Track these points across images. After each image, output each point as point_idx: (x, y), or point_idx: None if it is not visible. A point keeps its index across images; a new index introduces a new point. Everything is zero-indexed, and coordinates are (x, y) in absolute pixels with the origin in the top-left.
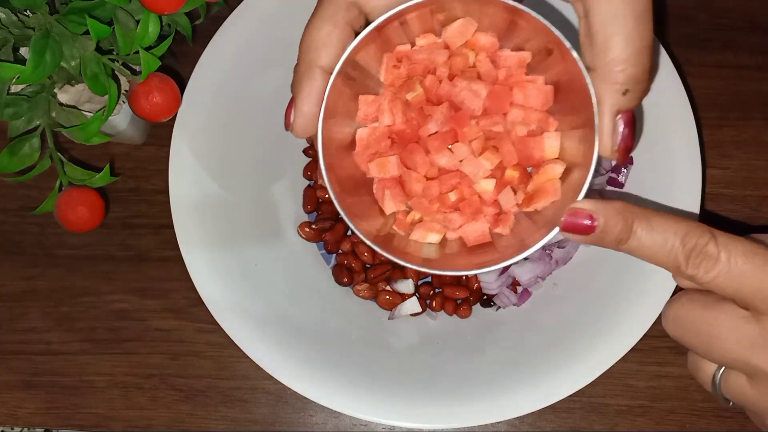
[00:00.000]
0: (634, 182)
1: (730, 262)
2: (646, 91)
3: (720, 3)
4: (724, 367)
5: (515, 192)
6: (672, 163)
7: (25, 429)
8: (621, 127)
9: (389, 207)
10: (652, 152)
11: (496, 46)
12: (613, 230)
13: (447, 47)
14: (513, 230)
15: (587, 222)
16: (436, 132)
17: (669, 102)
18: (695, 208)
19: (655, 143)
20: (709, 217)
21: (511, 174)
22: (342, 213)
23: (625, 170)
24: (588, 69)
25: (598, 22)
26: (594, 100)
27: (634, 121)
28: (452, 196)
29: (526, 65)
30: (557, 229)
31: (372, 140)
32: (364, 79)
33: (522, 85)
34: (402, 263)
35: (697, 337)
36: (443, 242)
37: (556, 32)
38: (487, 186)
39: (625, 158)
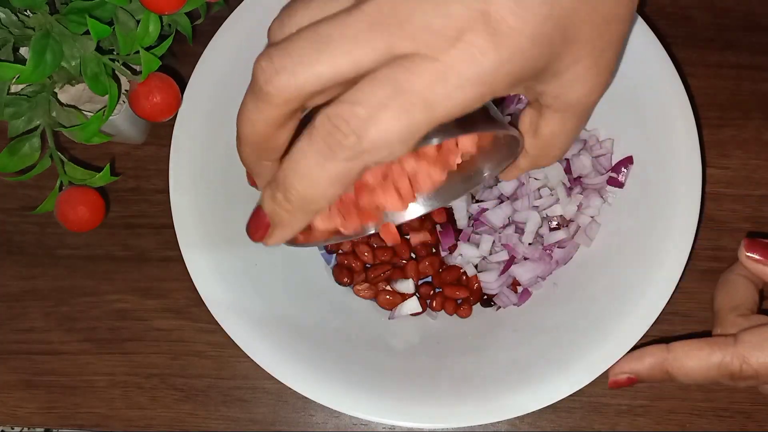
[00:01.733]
0: (635, 182)
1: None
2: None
3: (720, 3)
4: None
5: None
6: (672, 163)
7: (25, 429)
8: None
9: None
10: (652, 152)
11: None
12: (655, 380)
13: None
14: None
15: (629, 379)
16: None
17: (669, 102)
18: (695, 208)
19: (655, 143)
20: (710, 218)
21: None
22: None
23: (625, 170)
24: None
25: (548, 132)
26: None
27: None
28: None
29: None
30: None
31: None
32: None
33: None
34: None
35: None
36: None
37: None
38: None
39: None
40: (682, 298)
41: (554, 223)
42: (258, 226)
